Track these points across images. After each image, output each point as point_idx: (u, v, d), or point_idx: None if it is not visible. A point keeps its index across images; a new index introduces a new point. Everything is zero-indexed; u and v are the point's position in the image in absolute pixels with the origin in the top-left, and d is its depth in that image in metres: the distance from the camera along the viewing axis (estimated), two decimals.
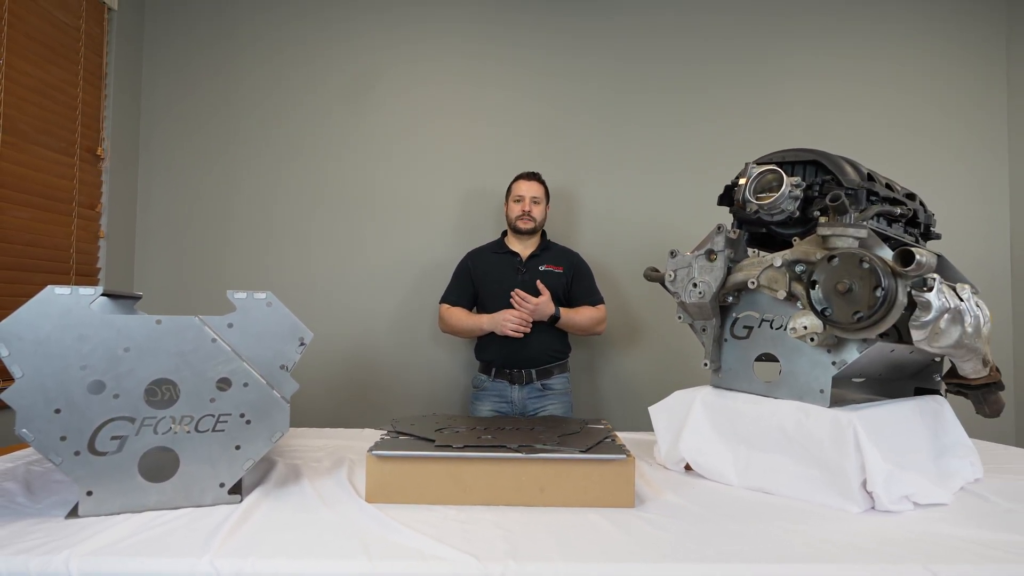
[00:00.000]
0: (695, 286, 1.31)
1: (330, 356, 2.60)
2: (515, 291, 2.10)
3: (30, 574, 0.80)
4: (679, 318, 1.39)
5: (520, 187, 2.27)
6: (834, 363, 1.18)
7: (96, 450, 0.99)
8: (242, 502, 1.05)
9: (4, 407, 1.49)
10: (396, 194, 2.68)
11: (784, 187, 1.23)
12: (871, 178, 1.30)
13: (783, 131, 2.69)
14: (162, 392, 1.02)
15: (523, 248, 2.28)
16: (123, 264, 2.57)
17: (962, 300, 1.10)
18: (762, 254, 1.35)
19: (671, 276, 1.36)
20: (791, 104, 2.73)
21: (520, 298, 2.09)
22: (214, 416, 1.05)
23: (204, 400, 1.05)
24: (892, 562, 0.85)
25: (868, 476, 1.07)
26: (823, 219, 1.19)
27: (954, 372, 1.34)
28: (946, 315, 1.07)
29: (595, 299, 2.29)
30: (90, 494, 0.98)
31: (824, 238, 1.17)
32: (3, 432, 1.89)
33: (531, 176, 2.30)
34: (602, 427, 1.32)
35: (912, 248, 1.02)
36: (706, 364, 1.37)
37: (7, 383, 0.98)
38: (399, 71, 2.70)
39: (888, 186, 1.35)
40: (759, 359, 1.31)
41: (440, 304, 2.30)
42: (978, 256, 2.69)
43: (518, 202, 2.26)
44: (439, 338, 2.56)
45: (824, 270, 1.13)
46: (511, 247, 2.29)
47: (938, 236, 1.51)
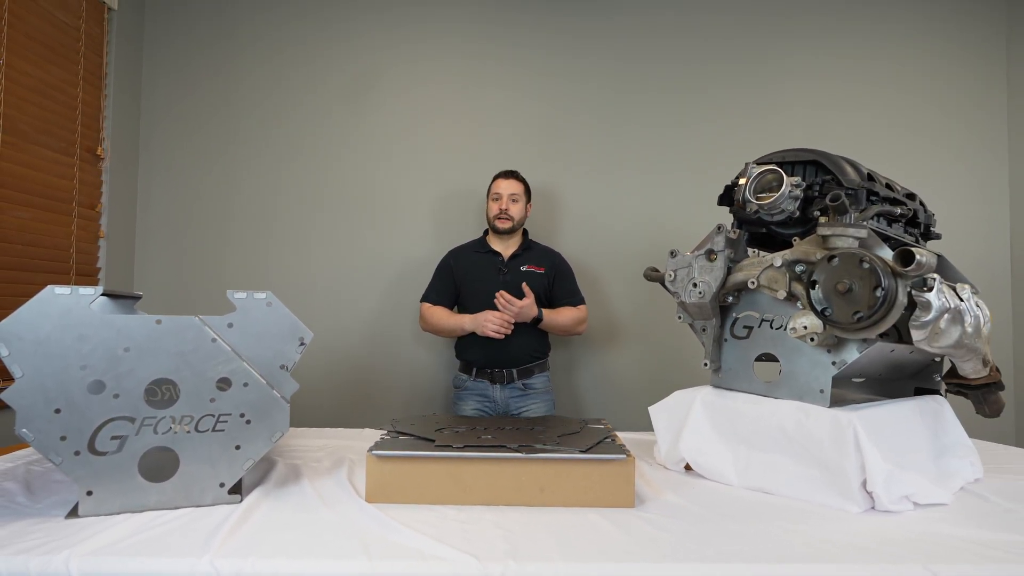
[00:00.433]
0: (695, 286, 1.31)
1: (330, 356, 2.60)
2: (500, 293, 2.09)
3: (30, 574, 0.80)
4: (679, 318, 1.39)
5: (498, 185, 2.26)
6: (834, 363, 1.18)
7: (96, 450, 0.99)
8: (242, 502, 1.05)
9: (4, 407, 1.49)
10: (396, 194, 2.68)
11: (784, 187, 1.23)
12: (871, 178, 1.30)
13: (783, 131, 2.69)
14: (162, 392, 1.02)
15: (504, 247, 2.27)
16: (123, 264, 2.57)
17: (962, 300, 1.10)
18: (762, 254, 1.35)
19: (671, 276, 1.36)
20: (791, 104, 2.73)
21: (505, 300, 2.08)
22: (214, 416, 1.05)
23: (204, 400, 1.05)
24: (892, 562, 0.85)
25: (868, 476, 1.07)
26: (823, 219, 1.19)
27: (954, 372, 1.34)
28: (946, 315, 1.07)
29: (576, 299, 2.28)
30: (90, 494, 0.98)
31: (824, 238, 1.17)
32: (3, 432, 1.89)
33: (509, 174, 2.28)
34: (602, 427, 1.32)
35: (912, 248, 1.02)
36: (706, 364, 1.37)
37: (7, 383, 0.98)
38: (399, 71, 2.70)
39: (888, 186, 1.35)
40: (759, 359, 1.31)
41: (421, 303, 2.28)
42: (978, 256, 2.69)
43: (496, 200, 2.24)
44: (437, 337, 2.56)
45: (824, 270, 1.13)
46: (493, 246, 2.28)
47: (938, 236, 1.51)
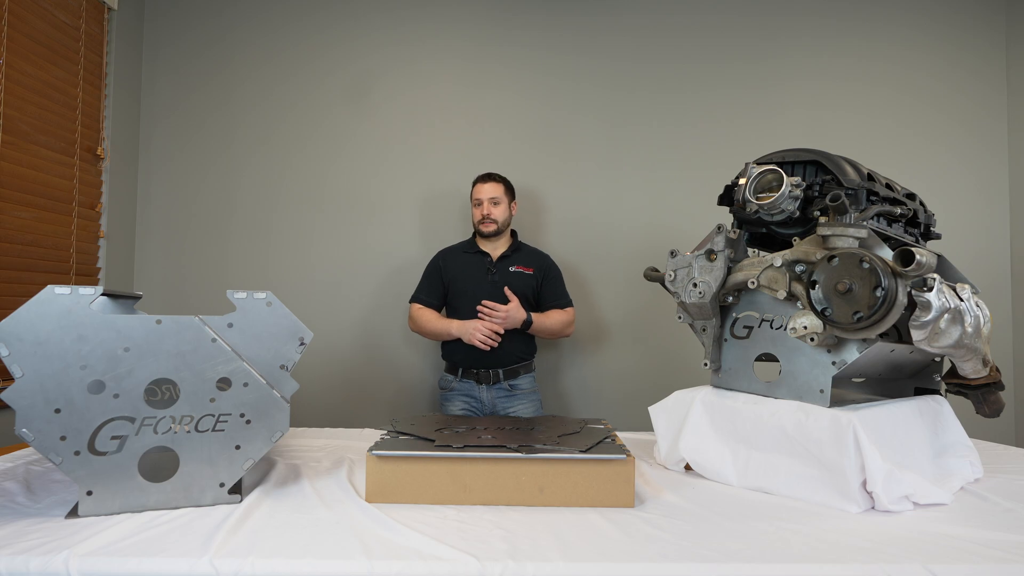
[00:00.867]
0: (695, 286, 1.31)
1: (330, 356, 2.60)
2: (483, 303, 2.08)
3: (30, 574, 0.80)
4: (679, 318, 1.39)
5: (478, 191, 2.25)
6: (834, 363, 1.18)
7: (96, 450, 0.99)
8: (242, 502, 1.05)
9: (4, 407, 1.49)
10: (397, 194, 2.68)
11: (784, 187, 1.23)
12: (871, 178, 1.30)
13: (783, 131, 2.69)
14: (162, 392, 1.03)
15: (493, 249, 2.27)
16: (123, 264, 2.57)
17: (962, 300, 1.10)
18: (762, 254, 1.36)
19: (671, 276, 1.36)
20: (791, 104, 2.73)
21: (489, 308, 2.06)
22: (214, 416, 1.05)
23: (204, 400, 1.05)
24: (892, 562, 0.85)
25: (868, 476, 1.07)
26: (823, 219, 1.19)
27: (954, 372, 1.34)
28: (946, 315, 1.07)
29: (563, 302, 2.27)
30: (90, 494, 0.98)
31: (824, 238, 1.17)
32: (3, 432, 1.89)
33: (488, 177, 2.27)
34: (602, 427, 1.32)
35: (912, 248, 1.02)
36: (706, 364, 1.37)
37: (7, 383, 0.98)
38: (398, 72, 2.70)
39: (888, 186, 1.35)
40: (759, 359, 1.32)
41: (410, 303, 2.28)
42: (978, 256, 2.69)
43: (478, 206, 2.24)
44: (423, 338, 2.54)
45: (824, 270, 1.13)
46: (482, 247, 2.27)
47: (938, 236, 1.51)
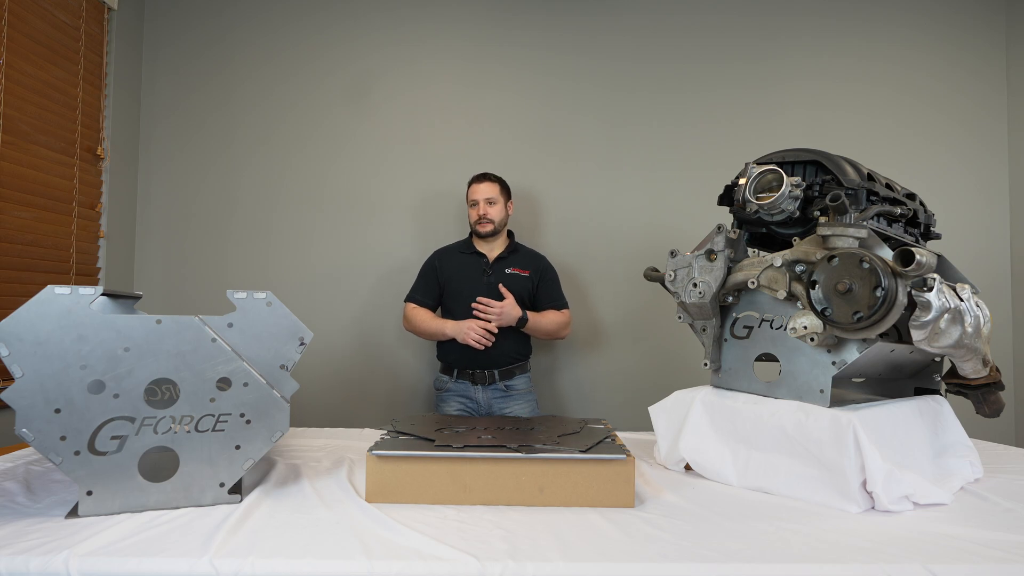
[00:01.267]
0: (695, 286, 1.31)
1: (330, 356, 2.60)
2: (478, 299, 2.07)
3: (30, 574, 0.80)
4: (679, 318, 1.39)
5: (474, 191, 2.24)
6: (834, 363, 1.18)
7: (96, 450, 0.99)
8: (242, 502, 1.05)
9: (4, 407, 1.49)
10: (397, 194, 2.68)
11: (784, 187, 1.23)
12: (871, 178, 1.30)
13: (783, 131, 2.69)
14: (162, 392, 1.03)
15: (490, 249, 2.26)
16: (123, 264, 2.57)
17: (962, 300, 1.10)
18: (762, 254, 1.36)
19: (671, 276, 1.36)
20: (791, 104, 2.73)
21: (484, 305, 2.06)
22: (214, 416, 1.05)
23: (204, 400, 1.05)
24: (892, 562, 0.85)
25: (868, 476, 1.07)
26: (823, 219, 1.19)
27: (954, 372, 1.34)
28: (946, 315, 1.07)
29: (560, 303, 2.27)
30: (90, 494, 0.98)
31: (824, 238, 1.17)
32: (3, 432, 1.89)
33: (483, 177, 2.26)
34: (602, 427, 1.32)
35: (912, 248, 1.02)
36: (706, 364, 1.37)
37: (7, 383, 0.98)
38: (398, 72, 2.70)
39: (888, 186, 1.35)
40: (759, 359, 1.32)
41: (405, 302, 2.27)
42: (978, 256, 2.69)
43: (473, 207, 2.23)
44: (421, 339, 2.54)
45: (824, 270, 1.13)
46: (478, 248, 2.27)
47: (938, 236, 1.51)
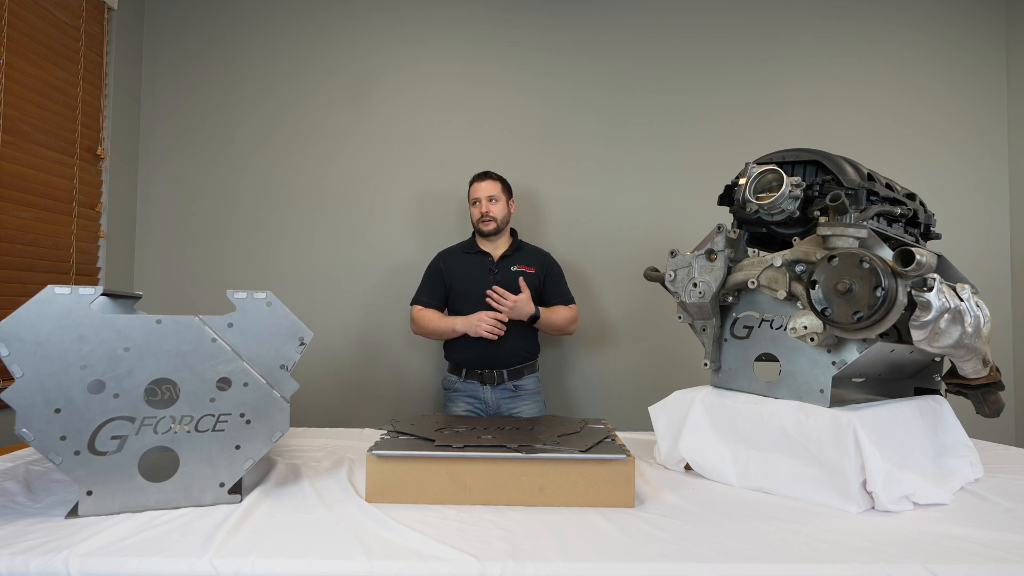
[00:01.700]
0: (695, 286, 1.31)
1: (330, 356, 2.60)
2: (493, 288, 2.08)
3: (30, 574, 0.80)
4: (679, 318, 1.39)
5: (476, 189, 2.25)
6: (834, 363, 1.18)
7: (96, 450, 0.99)
8: (242, 502, 1.05)
9: (4, 407, 1.49)
10: (397, 194, 2.68)
11: (784, 187, 1.23)
12: (871, 178, 1.30)
13: (783, 131, 2.69)
14: (162, 392, 1.03)
15: (494, 248, 2.27)
16: (123, 264, 2.57)
17: (962, 300, 1.10)
18: (762, 254, 1.36)
19: (671, 276, 1.36)
20: (791, 104, 2.73)
21: (498, 295, 2.06)
22: (214, 416, 1.05)
23: (204, 400, 1.05)
24: (892, 562, 0.85)
25: (868, 476, 1.07)
26: (823, 219, 1.19)
27: (954, 372, 1.34)
28: (946, 315, 1.07)
29: (566, 299, 2.28)
30: (90, 494, 0.98)
31: (824, 238, 1.17)
32: (3, 432, 1.89)
33: (484, 176, 2.27)
34: (602, 427, 1.32)
35: (912, 248, 1.02)
36: (706, 364, 1.37)
37: (7, 383, 0.98)
38: (398, 72, 2.70)
39: (888, 186, 1.35)
40: (759, 359, 1.32)
41: (411, 306, 2.27)
42: (978, 256, 2.69)
43: (475, 205, 2.24)
44: (425, 339, 2.54)
45: (824, 270, 1.13)
46: (482, 247, 2.27)
47: (938, 236, 1.51)
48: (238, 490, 1.09)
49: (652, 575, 0.83)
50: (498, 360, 2.16)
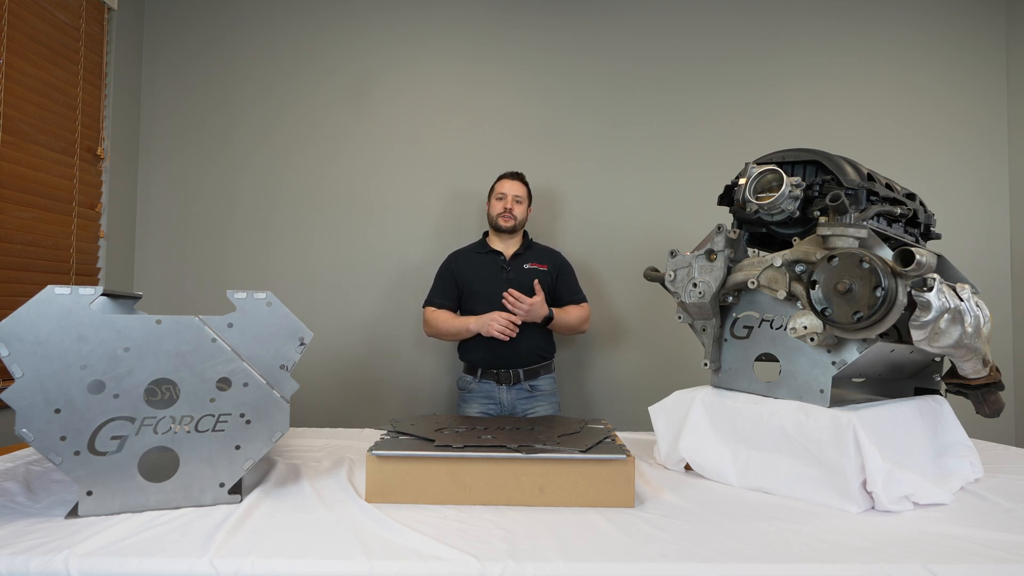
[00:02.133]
0: (695, 286, 1.31)
1: (330, 356, 2.60)
2: (508, 291, 2.08)
3: (30, 574, 0.80)
4: (679, 318, 1.39)
5: (503, 185, 2.27)
6: (834, 363, 1.18)
7: (96, 450, 0.99)
8: (242, 502, 1.05)
9: (4, 407, 1.49)
10: (397, 194, 2.68)
11: (784, 187, 1.23)
12: (871, 178, 1.30)
13: (783, 131, 2.69)
14: (162, 392, 1.03)
15: (506, 247, 2.27)
16: (123, 264, 2.57)
17: (962, 300, 1.10)
18: (762, 254, 1.36)
19: (671, 276, 1.36)
20: (791, 104, 2.73)
21: (514, 298, 2.07)
22: (214, 416, 1.05)
23: (204, 400, 1.05)
24: (892, 562, 0.85)
25: (868, 476, 1.07)
26: (823, 219, 1.19)
27: (954, 372, 1.34)
28: (946, 315, 1.07)
29: (579, 297, 2.29)
30: (90, 494, 0.98)
31: (824, 238, 1.17)
32: (3, 432, 1.89)
33: (515, 176, 2.30)
34: (602, 427, 1.32)
35: (912, 248, 1.02)
36: (706, 364, 1.37)
37: (7, 383, 0.98)
38: (398, 72, 2.70)
39: (888, 186, 1.35)
40: (759, 359, 1.32)
41: (424, 307, 2.27)
42: (978, 256, 2.69)
43: (500, 200, 2.25)
44: (434, 339, 2.55)
45: (824, 270, 1.13)
46: (494, 246, 2.28)
47: (938, 236, 1.51)
48: (238, 490, 1.09)
49: (652, 575, 0.83)
50: (514, 360, 2.16)
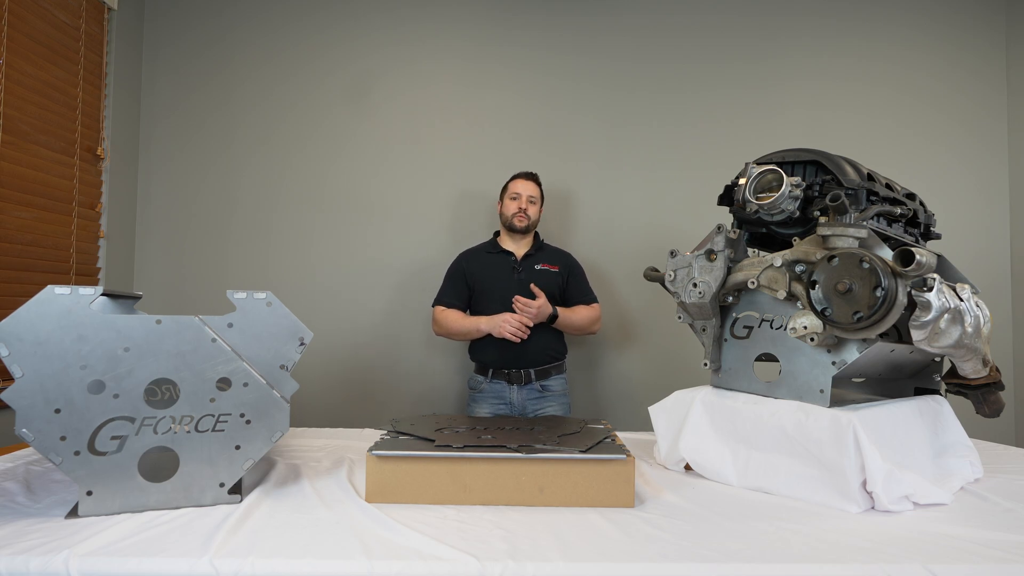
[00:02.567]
0: (695, 286, 1.31)
1: (330, 356, 2.60)
2: (517, 297, 2.09)
3: (30, 574, 0.80)
4: (679, 318, 1.39)
5: (517, 185, 2.27)
6: (834, 363, 1.18)
7: (96, 450, 0.99)
8: (242, 502, 1.05)
9: (4, 407, 1.49)
10: (397, 194, 2.68)
11: (784, 187, 1.23)
12: (871, 178, 1.30)
13: (783, 131, 2.69)
14: (162, 392, 1.03)
15: (517, 248, 2.27)
16: (123, 264, 2.57)
17: (962, 300, 1.10)
18: (762, 254, 1.36)
19: (671, 276, 1.36)
20: (791, 104, 2.73)
21: (522, 304, 2.07)
22: (214, 416, 1.05)
23: (204, 400, 1.05)
24: (892, 562, 0.85)
25: (868, 476, 1.07)
26: (823, 219, 1.19)
27: (954, 372, 1.34)
28: (946, 315, 1.07)
29: (589, 298, 2.29)
30: (90, 494, 0.98)
31: (824, 238, 1.17)
32: (3, 432, 1.89)
33: (529, 176, 2.30)
34: (602, 427, 1.32)
35: (912, 248, 1.02)
36: (706, 364, 1.37)
37: (7, 383, 0.98)
38: (399, 72, 2.70)
39: (888, 186, 1.35)
40: (759, 359, 1.32)
41: (434, 307, 2.27)
42: (978, 256, 2.69)
43: (514, 199, 2.25)
44: (436, 339, 2.56)
45: (824, 270, 1.13)
46: (505, 247, 2.28)
47: (938, 236, 1.51)
48: (238, 490, 1.09)
49: (652, 575, 0.83)
50: (526, 360, 2.16)
